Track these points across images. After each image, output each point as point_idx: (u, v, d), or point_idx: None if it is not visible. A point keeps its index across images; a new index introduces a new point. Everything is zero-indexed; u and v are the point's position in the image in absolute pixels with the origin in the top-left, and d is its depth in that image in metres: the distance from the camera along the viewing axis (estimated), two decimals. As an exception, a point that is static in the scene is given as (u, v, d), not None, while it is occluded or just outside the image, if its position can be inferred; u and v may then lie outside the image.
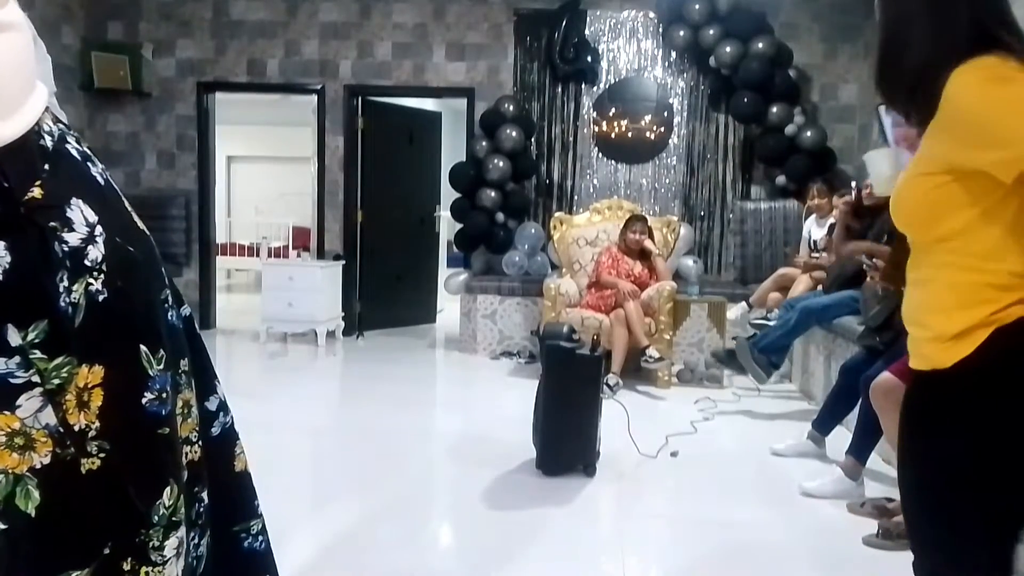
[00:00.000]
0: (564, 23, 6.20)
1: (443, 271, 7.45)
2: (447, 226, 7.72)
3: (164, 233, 6.46)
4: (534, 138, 6.35)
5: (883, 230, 3.77)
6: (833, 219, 4.78)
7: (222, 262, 8.89)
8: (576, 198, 6.51)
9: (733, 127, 6.32)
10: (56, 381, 0.72)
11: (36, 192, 0.73)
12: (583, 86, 6.43)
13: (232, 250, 10.24)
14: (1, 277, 0.70)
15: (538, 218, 6.43)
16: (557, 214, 5.97)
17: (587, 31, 6.36)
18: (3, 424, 0.70)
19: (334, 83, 6.63)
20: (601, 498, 3.11)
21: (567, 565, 2.50)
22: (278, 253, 8.70)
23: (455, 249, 6.71)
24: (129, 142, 6.75)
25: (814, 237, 5.06)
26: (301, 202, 6.95)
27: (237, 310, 8.00)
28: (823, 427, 3.56)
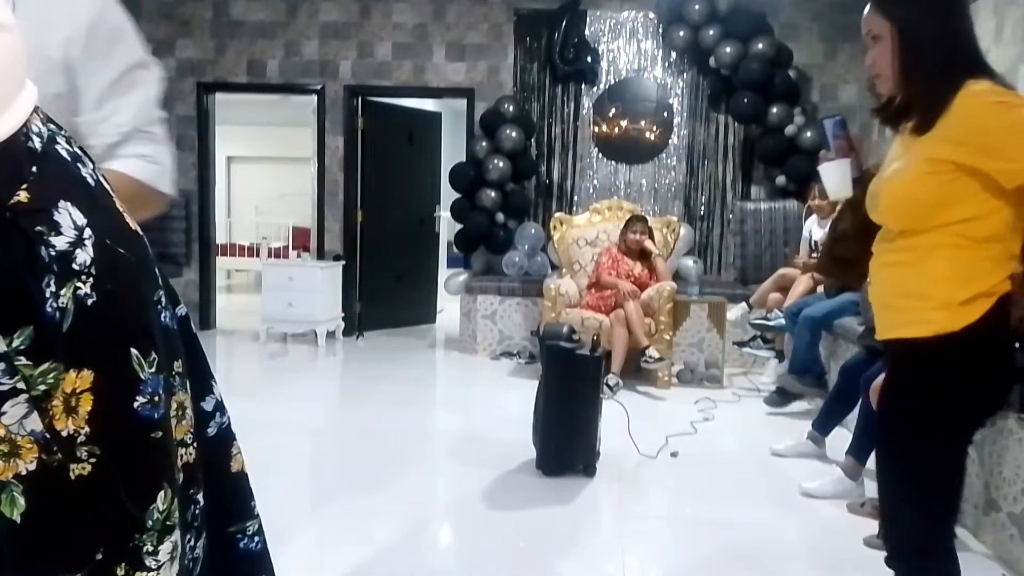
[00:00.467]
0: (564, 23, 6.20)
1: (443, 271, 7.45)
2: (447, 226, 7.71)
3: (164, 233, 6.46)
4: (534, 138, 6.35)
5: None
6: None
7: (222, 262, 8.89)
8: (576, 198, 6.51)
9: (733, 127, 6.31)
10: (42, 387, 0.72)
11: (22, 196, 0.72)
12: (583, 86, 6.43)
13: (232, 250, 10.24)
14: None
15: (538, 218, 6.43)
16: (557, 214, 5.97)
17: (587, 31, 6.36)
18: None
19: (334, 83, 6.63)
20: (601, 498, 3.11)
21: (567, 565, 2.50)
22: (278, 253, 8.70)
23: (455, 249, 6.70)
24: (129, 142, 6.74)
25: (814, 237, 5.04)
26: (301, 202, 6.94)
27: (237, 310, 8.00)
28: (823, 427, 3.56)
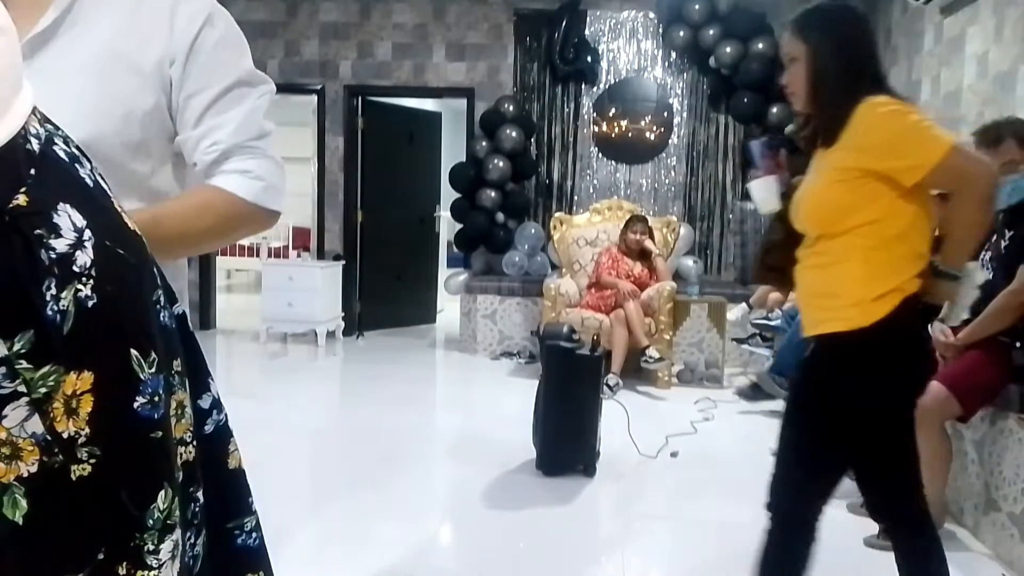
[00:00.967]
0: (564, 23, 6.20)
1: (443, 271, 7.45)
2: (447, 226, 7.71)
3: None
4: (534, 138, 6.35)
5: None
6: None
7: (222, 262, 8.90)
8: (576, 198, 6.51)
9: (733, 127, 6.31)
10: (43, 390, 0.71)
11: (21, 199, 0.72)
12: (583, 86, 6.43)
13: (232, 250, 10.20)
14: None
15: (538, 218, 6.43)
16: (557, 214, 5.97)
17: (587, 31, 6.36)
18: None
19: (334, 83, 6.63)
20: (601, 498, 3.11)
21: (567, 565, 2.50)
22: (278, 253, 8.70)
23: (455, 249, 6.71)
24: (129, 142, 6.74)
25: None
26: (301, 202, 6.92)
27: (237, 310, 8.00)
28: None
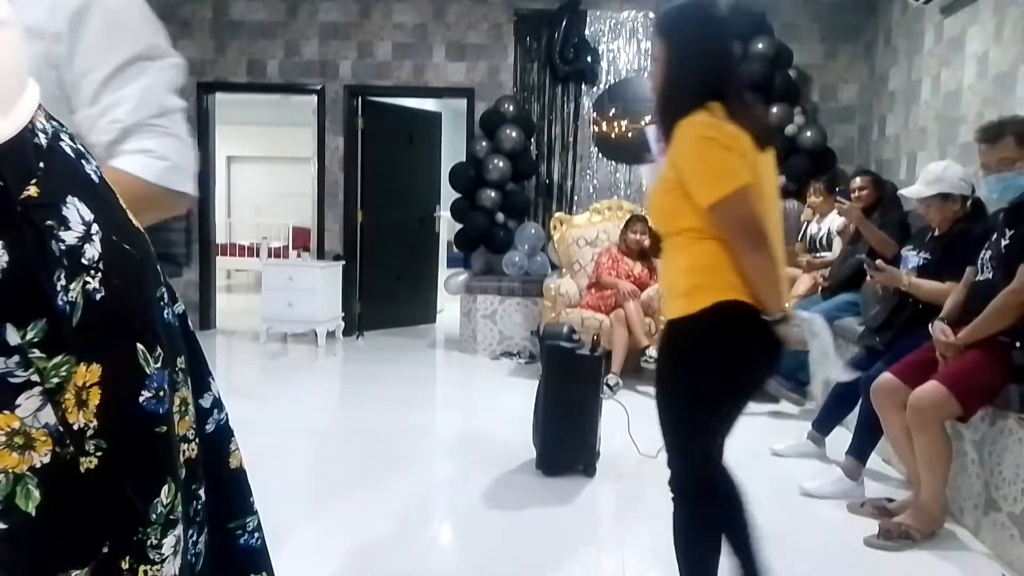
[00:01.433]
0: (564, 23, 6.20)
1: (443, 271, 7.45)
2: (447, 226, 7.71)
3: (164, 233, 6.45)
4: (534, 138, 6.35)
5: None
6: (833, 220, 4.78)
7: (222, 262, 8.89)
8: (576, 198, 6.51)
9: (733, 127, 6.31)
10: (55, 380, 0.72)
11: (32, 191, 0.73)
12: (583, 86, 6.43)
13: (232, 250, 10.24)
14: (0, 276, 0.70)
15: (538, 218, 6.43)
16: (557, 214, 5.97)
17: (587, 31, 6.36)
18: (3, 424, 0.70)
19: (334, 83, 6.63)
20: (601, 498, 3.11)
21: (567, 565, 2.50)
22: (278, 253, 8.70)
23: (455, 249, 6.70)
24: (129, 142, 6.73)
25: (811, 234, 5.06)
26: (301, 202, 6.94)
27: (237, 310, 8.00)
28: (823, 427, 3.56)
